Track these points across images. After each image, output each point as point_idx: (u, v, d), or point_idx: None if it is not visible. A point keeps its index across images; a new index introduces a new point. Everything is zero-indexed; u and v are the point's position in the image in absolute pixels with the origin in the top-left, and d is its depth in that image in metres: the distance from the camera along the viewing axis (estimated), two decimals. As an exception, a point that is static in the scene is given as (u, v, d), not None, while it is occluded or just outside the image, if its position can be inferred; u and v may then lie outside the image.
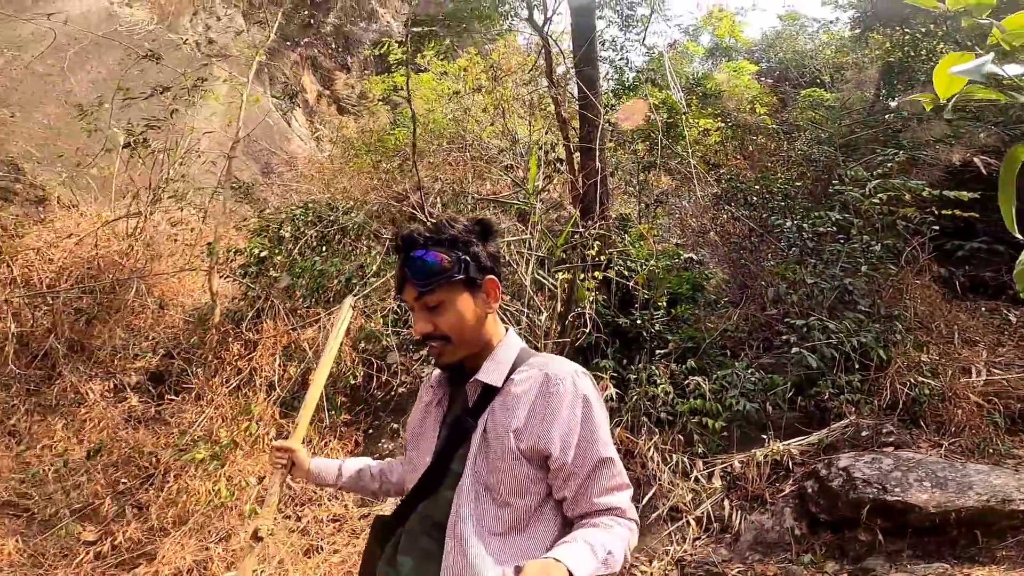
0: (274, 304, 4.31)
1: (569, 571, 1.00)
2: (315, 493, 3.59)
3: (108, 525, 3.45)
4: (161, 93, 4.78)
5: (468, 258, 1.19)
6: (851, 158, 5.11)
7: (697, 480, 3.29)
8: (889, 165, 4.40)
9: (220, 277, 4.61)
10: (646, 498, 3.27)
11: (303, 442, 1.62)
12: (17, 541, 3.11)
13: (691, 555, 3.01)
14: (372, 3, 11.10)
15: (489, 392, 1.21)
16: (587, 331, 4.06)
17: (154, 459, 3.65)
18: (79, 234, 4.39)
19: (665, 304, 4.07)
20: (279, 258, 4.71)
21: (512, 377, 1.21)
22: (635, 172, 5.58)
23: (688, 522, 3.13)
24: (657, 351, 3.85)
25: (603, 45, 8.32)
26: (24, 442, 3.92)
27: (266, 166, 7.98)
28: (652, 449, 3.43)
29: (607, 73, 8.16)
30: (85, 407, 4.07)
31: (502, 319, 4.28)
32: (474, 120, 7.48)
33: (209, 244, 4.54)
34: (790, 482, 2.97)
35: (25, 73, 5.44)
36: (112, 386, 4.20)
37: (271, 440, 1.56)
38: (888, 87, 6.86)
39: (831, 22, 10.94)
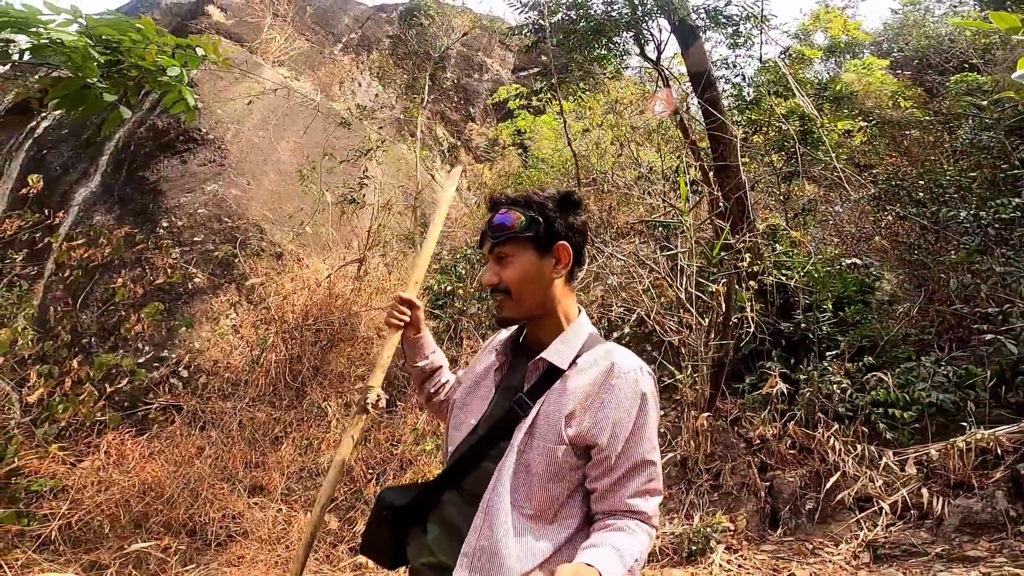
0: (466, 326, 5.09)
1: None
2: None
3: (351, 513, 4.28)
4: (364, 155, 5.87)
5: (541, 220, 1.23)
6: (1025, 140, 4.82)
7: (888, 469, 3.38)
8: (1072, 144, 4.18)
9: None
10: (827, 485, 3.41)
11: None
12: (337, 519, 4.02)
13: (885, 538, 3.12)
14: (480, 55, 12.08)
15: (551, 373, 1.20)
16: (750, 333, 4.29)
17: (389, 454, 4.49)
18: (317, 281, 5.49)
19: (831, 307, 4.19)
20: (460, 291, 5.51)
21: (577, 361, 1.20)
22: (776, 184, 5.69)
23: (880, 508, 3.24)
24: (827, 352, 3.98)
25: (715, 65, 8.53)
26: (286, 446, 4.94)
27: (423, 216, 9.11)
28: (832, 440, 3.58)
29: (724, 91, 8.33)
30: (326, 420, 5.06)
31: (658, 328, 4.63)
32: (596, 155, 7.99)
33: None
34: (1001, 468, 2.98)
35: (247, 145, 6.75)
36: (344, 402, 5.17)
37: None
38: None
39: (956, 4, 10.13)
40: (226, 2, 8.43)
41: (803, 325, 4.20)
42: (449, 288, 5.52)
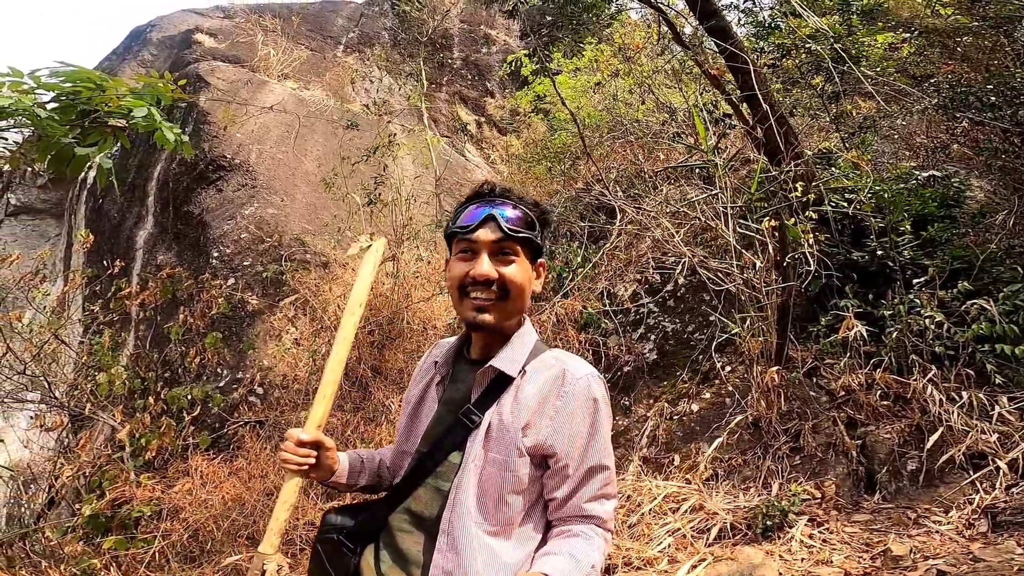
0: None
1: None
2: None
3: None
4: (375, 153, 5.48)
5: (541, 231, 1.13)
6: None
7: (1003, 419, 2.71)
8: None
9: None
10: (930, 442, 2.78)
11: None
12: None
13: (1006, 503, 2.49)
14: (482, 29, 11.23)
15: (499, 382, 1.08)
16: (811, 272, 3.62)
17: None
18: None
19: (910, 228, 3.42)
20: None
21: (525, 368, 1.09)
22: (822, 106, 4.79)
23: (997, 467, 2.59)
24: (913, 281, 3.26)
25: None
26: (355, 447, 4.80)
27: (459, 197, 8.57)
28: (931, 388, 2.92)
29: (738, 19, 7.28)
30: (390, 417, 4.87)
31: (710, 276, 4.03)
32: (623, 104, 7.17)
33: (445, 271, 5.10)
34: None
35: (273, 163, 6.49)
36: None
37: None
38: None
39: None
40: (214, 27, 8.10)
41: (879, 252, 3.47)
42: (488, 270, 5.10)
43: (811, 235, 3.63)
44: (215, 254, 5.79)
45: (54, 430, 4.12)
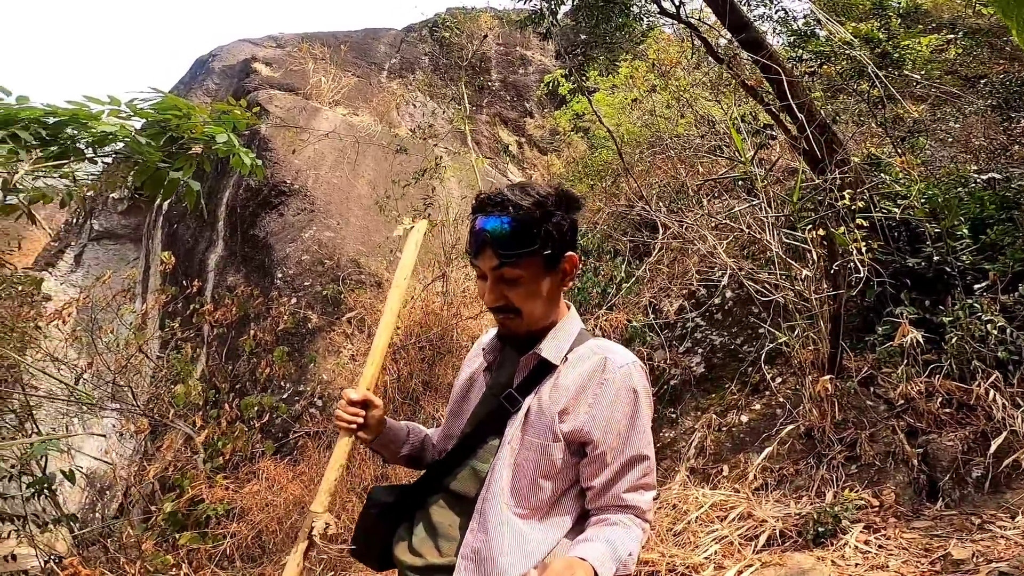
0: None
1: (595, 571, 0.93)
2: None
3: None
4: (423, 175, 5.83)
5: (553, 231, 1.06)
6: None
7: (1075, 423, 2.62)
8: None
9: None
10: (993, 448, 2.70)
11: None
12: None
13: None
14: (519, 50, 11.57)
15: (543, 368, 1.11)
16: (861, 279, 3.59)
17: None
18: (406, 302, 5.52)
19: (967, 232, 3.37)
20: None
21: (568, 356, 1.11)
22: (868, 112, 4.77)
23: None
24: (974, 286, 3.19)
25: (749, 5, 7.49)
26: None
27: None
28: (993, 394, 2.85)
29: (774, 29, 7.34)
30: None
31: (758, 288, 4.03)
32: (662, 119, 7.28)
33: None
34: None
35: (329, 188, 6.90)
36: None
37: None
38: None
39: None
40: (269, 56, 8.72)
41: (936, 258, 3.41)
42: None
43: (862, 243, 3.62)
44: (279, 275, 6.25)
45: (140, 433, 4.53)
